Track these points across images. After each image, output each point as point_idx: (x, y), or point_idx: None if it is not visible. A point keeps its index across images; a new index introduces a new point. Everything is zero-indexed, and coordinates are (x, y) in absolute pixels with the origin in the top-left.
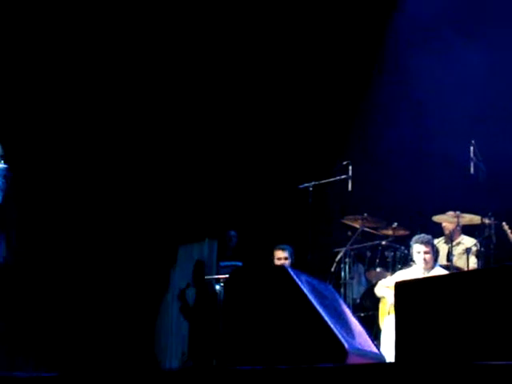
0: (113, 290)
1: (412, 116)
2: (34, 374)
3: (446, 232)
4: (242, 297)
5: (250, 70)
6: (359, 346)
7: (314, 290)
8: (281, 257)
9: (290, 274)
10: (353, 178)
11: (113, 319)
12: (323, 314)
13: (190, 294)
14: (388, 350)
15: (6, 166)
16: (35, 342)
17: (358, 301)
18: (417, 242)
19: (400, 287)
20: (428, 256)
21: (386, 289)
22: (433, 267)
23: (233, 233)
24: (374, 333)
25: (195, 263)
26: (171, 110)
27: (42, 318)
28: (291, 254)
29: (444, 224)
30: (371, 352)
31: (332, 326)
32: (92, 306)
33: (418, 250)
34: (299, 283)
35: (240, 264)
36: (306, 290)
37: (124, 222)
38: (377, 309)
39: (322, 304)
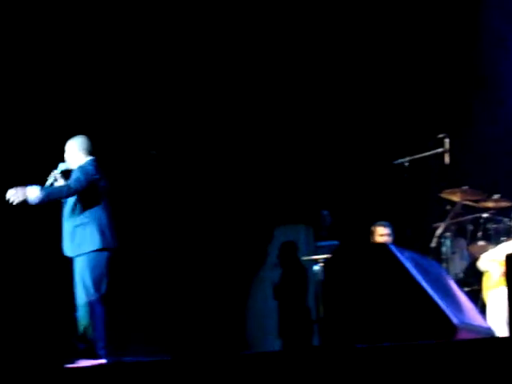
0: (209, 271)
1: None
2: (144, 358)
3: None
4: (344, 276)
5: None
6: (468, 321)
7: (417, 266)
8: (383, 233)
9: (392, 250)
10: (450, 150)
11: (209, 301)
12: (429, 289)
13: (277, 274)
14: (496, 324)
15: (92, 158)
16: (143, 327)
17: (461, 275)
18: None
19: (511, 259)
20: None
21: (490, 262)
22: None
23: (326, 212)
24: (480, 307)
25: (283, 244)
26: (268, 101)
27: (150, 303)
28: (393, 231)
29: None
30: (481, 326)
31: (439, 301)
32: (190, 286)
33: None
34: (402, 260)
35: (337, 243)
36: (409, 267)
37: (223, 206)
38: (481, 283)
39: (427, 280)
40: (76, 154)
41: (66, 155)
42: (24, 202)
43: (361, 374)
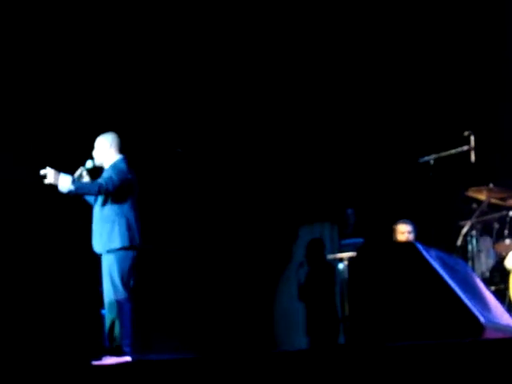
0: (235, 271)
1: None
2: (170, 356)
3: None
4: (369, 274)
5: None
6: (496, 320)
7: (444, 265)
8: (405, 231)
9: (418, 249)
10: (475, 148)
11: (234, 297)
12: (456, 288)
13: (303, 272)
14: None
15: (122, 155)
16: (169, 325)
17: (487, 274)
18: None
19: None
20: None
21: None
22: None
23: (350, 211)
24: (506, 306)
25: (310, 242)
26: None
27: (175, 301)
28: (414, 229)
29: None
30: (508, 325)
31: (466, 300)
32: (216, 286)
33: None
34: (429, 258)
35: (362, 241)
36: (436, 265)
37: (248, 205)
38: (507, 282)
39: (454, 278)
40: (107, 150)
41: (96, 151)
42: (53, 186)
43: (386, 373)
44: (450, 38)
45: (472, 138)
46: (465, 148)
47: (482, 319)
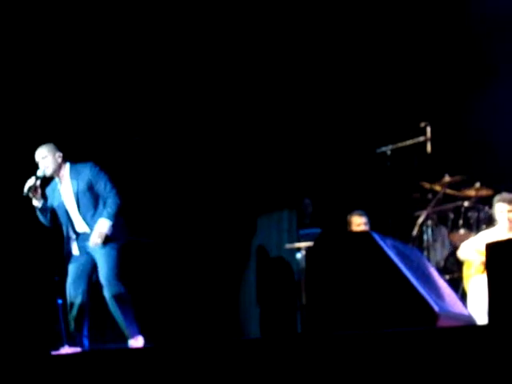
0: (196, 263)
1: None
2: (126, 345)
3: None
4: (326, 264)
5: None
6: (449, 308)
7: (399, 254)
8: (360, 222)
9: (374, 238)
10: (432, 139)
11: (197, 291)
12: (411, 277)
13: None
14: (476, 311)
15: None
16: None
17: (442, 263)
18: (499, 201)
19: (492, 248)
20: None
21: (470, 251)
22: None
23: (307, 200)
24: (460, 295)
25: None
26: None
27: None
28: (369, 220)
29: None
30: (461, 314)
31: (420, 289)
32: (178, 279)
33: (501, 210)
34: (385, 248)
35: (319, 231)
36: (391, 255)
37: (202, 198)
38: (461, 271)
39: (409, 267)
40: (57, 159)
41: (46, 163)
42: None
43: (342, 361)
44: (407, 29)
45: (428, 129)
46: (421, 139)
47: (435, 308)
